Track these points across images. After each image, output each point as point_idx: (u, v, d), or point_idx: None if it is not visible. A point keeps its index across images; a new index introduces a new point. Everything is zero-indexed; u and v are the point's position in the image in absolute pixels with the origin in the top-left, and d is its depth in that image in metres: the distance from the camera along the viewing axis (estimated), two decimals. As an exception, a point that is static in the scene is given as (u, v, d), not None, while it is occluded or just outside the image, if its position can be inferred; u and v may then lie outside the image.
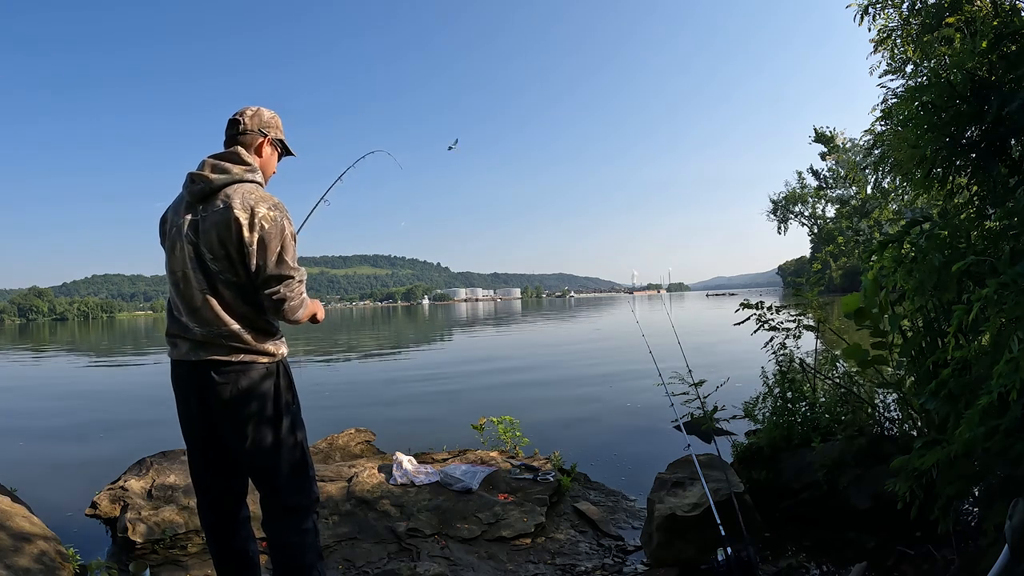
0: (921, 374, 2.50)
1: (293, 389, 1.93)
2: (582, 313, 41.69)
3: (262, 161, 1.96)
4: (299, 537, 1.88)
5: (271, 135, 1.98)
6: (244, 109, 1.97)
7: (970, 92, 2.13)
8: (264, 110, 1.99)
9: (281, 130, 2.03)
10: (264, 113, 1.98)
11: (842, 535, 2.81)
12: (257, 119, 1.96)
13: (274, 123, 2.00)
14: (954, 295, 2.25)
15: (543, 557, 2.94)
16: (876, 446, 2.97)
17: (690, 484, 2.84)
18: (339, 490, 3.57)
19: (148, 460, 3.67)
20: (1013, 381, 1.50)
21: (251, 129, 1.94)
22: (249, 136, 1.93)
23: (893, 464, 2.11)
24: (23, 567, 2.33)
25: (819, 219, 65.00)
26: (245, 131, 1.93)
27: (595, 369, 10.69)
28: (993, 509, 1.81)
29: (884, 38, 2.77)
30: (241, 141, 1.92)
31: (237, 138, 1.93)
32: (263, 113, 1.98)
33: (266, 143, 1.97)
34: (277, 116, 2.03)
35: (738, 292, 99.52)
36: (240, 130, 1.93)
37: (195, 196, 1.82)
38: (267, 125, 1.97)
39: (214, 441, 1.89)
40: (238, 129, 1.93)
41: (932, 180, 2.39)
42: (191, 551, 3.00)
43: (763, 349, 3.65)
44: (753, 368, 3.92)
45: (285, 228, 1.80)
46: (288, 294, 1.78)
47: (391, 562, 2.85)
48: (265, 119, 1.97)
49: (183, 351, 1.83)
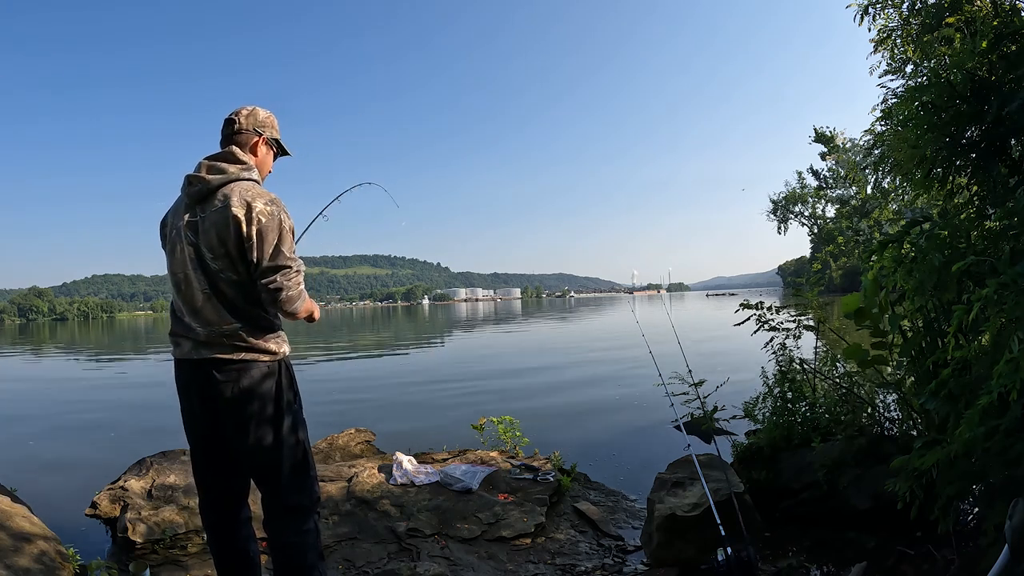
0: (921, 374, 2.50)
1: (295, 388, 1.93)
2: (582, 313, 41.69)
3: (258, 160, 1.97)
4: (300, 537, 1.88)
5: (266, 134, 1.98)
6: (240, 108, 1.97)
7: (970, 92, 2.13)
8: (259, 109, 1.99)
9: (277, 129, 2.04)
10: (259, 112, 1.99)
11: (842, 535, 2.81)
12: (252, 118, 1.96)
13: (269, 122, 2.00)
14: (954, 295, 2.25)
15: (543, 557, 2.94)
16: (876, 446, 2.97)
17: (690, 484, 2.84)
18: (339, 490, 3.57)
19: (148, 460, 3.67)
20: (1013, 381, 1.50)
21: (246, 128, 1.94)
22: (244, 135, 1.94)
23: (893, 464, 2.11)
24: (23, 567, 2.33)
25: (819, 219, 65.02)
26: (240, 130, 1.93)
27: (595, 369, 10.70)
28: (993, 509, 1.81)
29: (884, 38, 2.77)
30: (236, 140, 1.93)
31: (232, 137, 1.93)
32: (258, 112, 1.98)
33: (261, 142, 1.97)
34: (273, 116, 2.03)
35: (738, 292, 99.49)
36: (235, 129, 1.93)
37: (193, 197, 1.83)
38: (262, 124, 1.98)
39: (216, 440, 1.89)
40: (233, 128, 1.93)
41: (932, 180, 2.39)
42: (191, 551, 3.00)
43: (763, 349, 3.65)
44: (753, 368, 3.92)
45: (283, 221, 1.81)
46: (285, 283, 1.78)
47: (391, 562, 2.85)
48: (260, 118, 1.98)
49: (186, 350, 1.84)
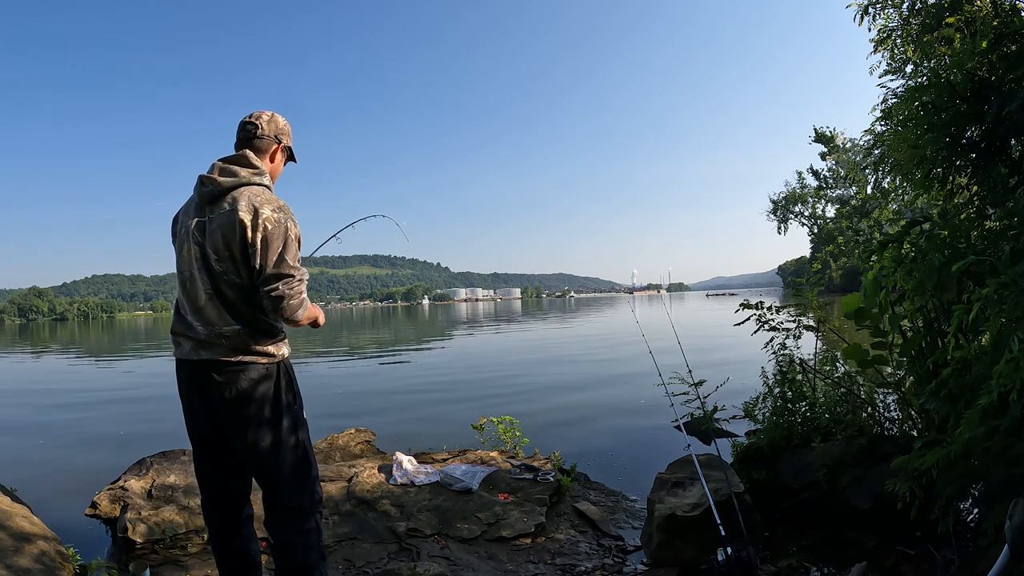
0: (921, 374, 2.50)
1: (294, 389, 1.93)
2: (582, 313, 41.69)
3: (273, 166, 1.99)
4: (301, 537, 1.89)
5: (284, 142, 2.02)
6: (259, 113, 1.98)
7: (970, 92, 2.13)
8: (279, 116, 2.01)
9: (291, 137, 2.06)
10: (279, 120, 2.01)
11: (842, 535, 2.81)
12: (273, 125, 1.98)
13: (287, 130, 2.04)
14: (954, 295, 2.25)
15: (543, 557, 2.94)
16: (876, 446, 2.97)
17: (690, 484, 2.84)
18: (339, 490, 3.57)
19: (148, 460, 3.67)
20: (1013, 381, 1.50)
21: (267, 135, 1.96)
22: (265, 141, 1.96)
23: (893, 464, 2.11)
24: (23, 567, 2.33)
25: (819, 219, 65.05)
26: (262, 136, 1.95)
27: (595, 369, 10.70)
28: (993, 509, 1.81)
29: (884, 38, 2.77)
30: (256, 146, 1.95)
31: (252, 142, 1.95)
32: (278, 120, 2.00)
33: (279, 149, 2.01)
34: (288, 123, 2.06)
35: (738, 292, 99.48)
36: (257, 135, 1.95)
37: (204, 198, 1.85)
38: (282, 132, 2.01)
39: (217, 440, 1.90)
40: (254, 133, 1.95)
41: (932, 180, 2.39)
42: (191, 551, 3.00)
43: (763, 349, 3.65)
44: (753, 368, 3.92)
45: (289, 229, 1.81)
46: (287, 291, 1.78)
47: (391, 562, 2.85)
48: (280, 126, 2.00)
49: (186, 350, 1.85)
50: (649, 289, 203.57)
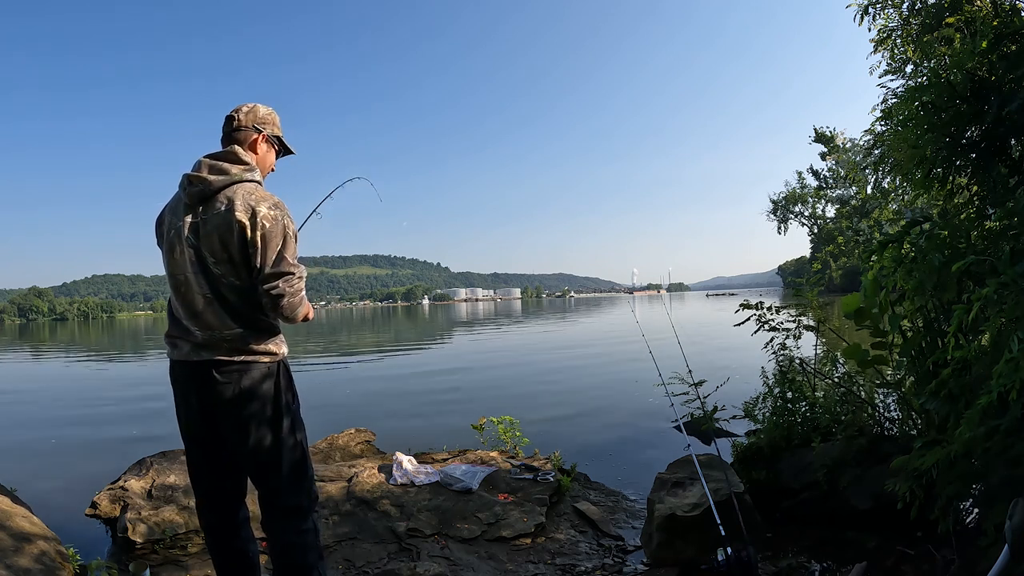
0: (921, 374, 2.50)
1: (293, 389, 1.93)
2: (582, 313, 41.68)
3: (258, 158, 1.93)
4: (299, 537, 1.88)
5: (267, 131, 1.95)
6: (240, 106, 1.94)
7: (970, 92, 2.13)
8: (260, 106, 1.96)
9: (278, 126, 2.00)
10: (260, 109, 1.96)
11: (842, 535, 2.81)
12: (252, 115, 1.93)
13: (270, 119, 1.97)
14: (954, 295, 2.25)
15: (543, 557, 2.94)
16: (876, 446, 2.97)
17: (690, 484, 2.84)
18: (339, 490, 3.57)
19: (148, 460, 3.67)
20: (1013, 381, 1.50)
21: (245, 125, 1.91)
22: (244, 132, 1.91)
23: (893, 464, 2.11)
24: (23, 567, 2.33)
25: (819, 219, 65.04)
26: (240, 127, 1.91)
27: (595, 369, 10.69)
28: (993, 509, 1.81)
29: (884, 38, 2.77)
30: (236, 138, 1.90)
31: (232, 135, 1.91)
32: (259, 109, 1.95)
33: (261, 139, 1.94)
34: (274, 112, 2.00)
35: (738, 292, 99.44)
36: (235, 127, 1.91)
37: (194, 198, 1.79)
38: (262, 121, 1.94)
39: (214, 441, 1.88)
40: (234, 126, 1.91)
41: (932, 180, 2.39)
42: (191, 551, 3.00)
43: (763, 349, 3.65)
44: (753, 368, 3.92)
45: (287, 227, 1.79)
46: (287, 289, 1.76)
47: (391, 562, 2.85)
48: (260, 115, 1.95)
49: (184, 352, 1.82)
50: (649, 289, 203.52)
